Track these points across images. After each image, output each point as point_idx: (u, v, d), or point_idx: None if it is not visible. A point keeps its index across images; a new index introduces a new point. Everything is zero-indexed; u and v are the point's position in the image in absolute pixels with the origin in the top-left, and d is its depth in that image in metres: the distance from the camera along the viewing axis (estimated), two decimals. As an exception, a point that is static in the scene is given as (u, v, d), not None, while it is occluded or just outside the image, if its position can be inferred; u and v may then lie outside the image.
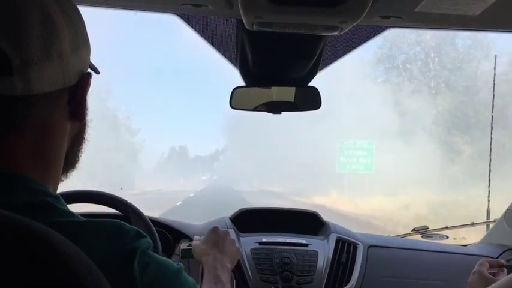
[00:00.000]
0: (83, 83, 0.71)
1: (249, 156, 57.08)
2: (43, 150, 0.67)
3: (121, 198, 1.67)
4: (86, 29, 0.72)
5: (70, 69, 0.66)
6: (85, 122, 0.75)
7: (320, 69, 1.65)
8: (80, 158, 0.78)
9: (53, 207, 0.64)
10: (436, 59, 32.71)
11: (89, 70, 0.74)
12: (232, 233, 1.79)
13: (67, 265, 0.51)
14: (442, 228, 2.62)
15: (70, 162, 0.76)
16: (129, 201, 1.72)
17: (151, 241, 0.68)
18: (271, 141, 45.48)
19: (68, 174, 0.77)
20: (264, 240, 1.97)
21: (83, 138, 0.77)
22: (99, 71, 0.78)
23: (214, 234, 1.31)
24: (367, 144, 24.84)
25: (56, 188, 0.72)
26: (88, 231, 0.62)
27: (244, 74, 1.67)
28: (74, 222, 0.63)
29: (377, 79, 36.23)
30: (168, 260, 0.72)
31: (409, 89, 32.55)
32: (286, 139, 41.33)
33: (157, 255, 0.69)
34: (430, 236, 2.55)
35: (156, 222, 1.78)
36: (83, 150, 0.78)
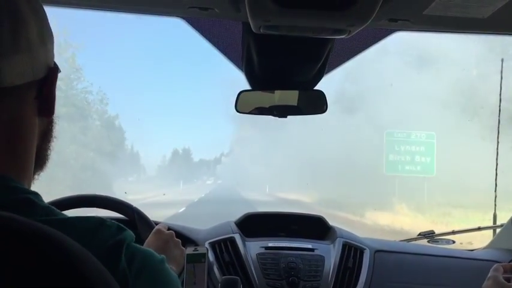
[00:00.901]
0: (51, 76, 0.70)
1: (260, 157, 54.14)
2: (15, 147, 0.67)
3: (126, 203, 1.67)
4: (49, 23, 0.71)
5: (38, 62, 0.66)
6: (53, 118, 0.74)
7: (326, 73, 1.64)
8: (50, 156, 0.77)
9: (34, 204, 0.63)
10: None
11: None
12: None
13: (78, 267, 0.51)
14: (448, 233, 2.60)
15: (40, 160, 0.74)
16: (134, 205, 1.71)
17: (133, 234, 0.68)
18: (289, 138, 41.65)
19: (38, 173, 0.76)
20: (270, 245, 1.96)
21: (51, 135, 0.76)
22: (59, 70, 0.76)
23: (157, 237, 1.23)
24: (425, 137, 18.12)
25: (30, 187, 0.70)
26: (71, 228, 0.61)
27: (250, 78, 1.67)
28: (56, 220, 0.62)
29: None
30: (151, 250, 0.72)
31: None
32: (309, 134, 35.73)
33: (141, 246, 0.68)
34: (436, 241, 2.53)
35: None
36: (51, 147, 0.77)
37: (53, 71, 0.71)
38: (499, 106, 4.97)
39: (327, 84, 1.72)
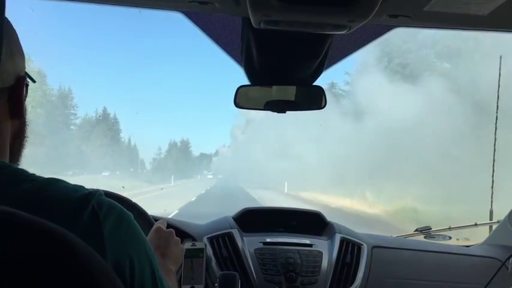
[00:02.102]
0: (19, 84, 0.81)
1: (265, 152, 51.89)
2: None
3: (126, 198, 1.67)
4: (19, 40, 0.83)
5: (6, 72, 0.78)
6: (24, 120, 0.85)
7: (325, 69, 1.64)
8: (22, 154, 0.87)
9: (9, 167, 0.73)
10: None
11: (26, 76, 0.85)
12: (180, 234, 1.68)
13: (83, 265, 0.52)
14: (445, 229, 2.61)
15: (13, 157, 0.84)
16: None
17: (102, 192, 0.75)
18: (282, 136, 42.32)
19: None
20: (268, 240, 1.96)
21: (24, 135, 0.86)
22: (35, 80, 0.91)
23: (157, 235, 1.22)
24: None
25: None
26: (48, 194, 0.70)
27: (249, 73, 1.66)
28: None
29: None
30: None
31: None
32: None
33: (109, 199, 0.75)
34: (433, 237, 2.54)
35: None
36: (24, 146, 0.87)
37: (21, 79, 0.82)
38: (497, 102, 4.98)
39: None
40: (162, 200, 22.62)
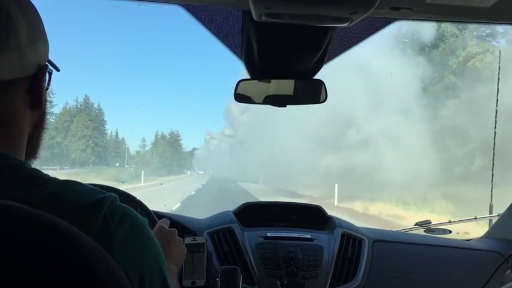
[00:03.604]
0: (40, 73, 0.78)
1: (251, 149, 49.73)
2: (8, 131, 0.74)
3: (129, 195, 1.66)
4: (43, 27, 0.80)
5: (28, 60, 0.74)
6: (44, 111, 0.82)
7: (326, 62, 1.63)
8: (40, 146, 0.85)
9: (23, 166, 0.70)
10: None
11: (48, 65, 0.81)
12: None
13: (88, 261, 0.52)
14: (445, 223, 2.62)
15: (31, 149, 0.82)
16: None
17: (117, 196, 0.73)
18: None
19: (31, 161, 0.82)
20: (269, 235, 1.96)
21: (43, 126, 0.84)
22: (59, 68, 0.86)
23: (159, 234, 1.19)
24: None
25: None
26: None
27: (249, 67, 1.65)
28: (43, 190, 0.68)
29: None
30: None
31: None
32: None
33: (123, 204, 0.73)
34: (433, 231, 2.54)
35: (161, 217, 1.78)
36: (43, 138, 0.85)
37: (43, 68, 0.78)
38: (497, 96, 4.98)
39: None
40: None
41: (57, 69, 0.84)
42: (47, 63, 0.81)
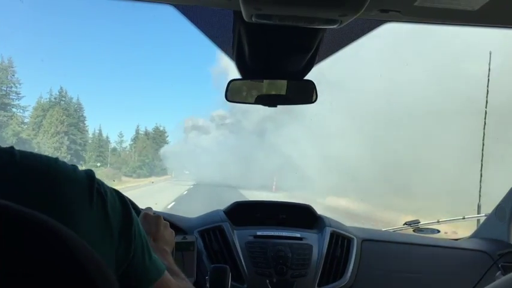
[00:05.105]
0: None
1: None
2: None
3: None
4: None
5: None
6: None
7: (316, 63, 1.64)
8: None
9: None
10: None
11: None
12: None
13: (74, 256, 0.53)
14: (433, 223, 2.65)
15: None
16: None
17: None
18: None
19: None
20: (259, 233, 1.97)
21: None
22: None
23: (146, 221, 1.24)
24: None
25: None
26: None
27: (240, 67, 1.66)
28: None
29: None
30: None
31: None
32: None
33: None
34: (421, 230, 2.57)
35: None
36: None
37: None
38: (486, 97, 5.02)
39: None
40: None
41: None
42: None
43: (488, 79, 5.39)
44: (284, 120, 37.08)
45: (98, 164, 58.00)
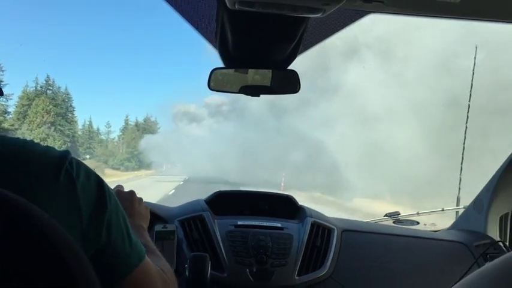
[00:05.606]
0: None
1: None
2: None
3: None
4: None
5: None
6: None
7: (300, 53, 1.64)
8: None
9: None
10: None
11: None
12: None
13: (42, 232, 0.54)
14: (413, 214, 2.68)
15: None
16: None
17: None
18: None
19: None
20: (240, 223, 1.97)
21: None
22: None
23: (119, 198, 1.24)
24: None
25: None
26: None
27: (224, 55, 1.65)
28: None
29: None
30: None
31: None
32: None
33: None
34: (401, 222, 2.61)
35: None
36: None
37: None
38: (470, 91, 5.08)
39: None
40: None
41: (2, 94, 0.96)
42: None
43: (473, 73, 5.45)
44: (306, 100, 30.66)
45: (88, 156, 55.49)
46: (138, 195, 1.29)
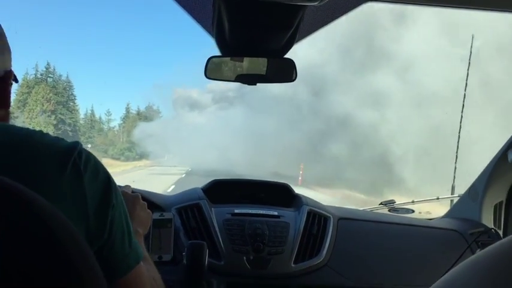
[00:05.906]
0: (6, 77, 0.93)
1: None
2: None
3: None
4: (6, 38, 0.92)
5: None
6: (9, 110, 0.97)
7: (297, 41, 1.63)
8: None
9: None
10: None
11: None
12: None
13: (43, 221, 0.53)
14: (408, 203, 2.70)
15: None
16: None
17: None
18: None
19: None
20: (237, 211, 1.98)
21: (8, 122, 0.96)
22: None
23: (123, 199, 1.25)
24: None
25: None
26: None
27: (220, 44, 1.64)
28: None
29: None
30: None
31: None
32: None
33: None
34: (396, 210, 2.62)
35: None
36: None
37: (8, 73, 0.93)
38: (466, 79, 5.08)
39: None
40: None
41: (16, 81, 0.98)
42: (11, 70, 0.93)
43: (469, 62, 5.44)
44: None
45: (89, 146, 50.27)
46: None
